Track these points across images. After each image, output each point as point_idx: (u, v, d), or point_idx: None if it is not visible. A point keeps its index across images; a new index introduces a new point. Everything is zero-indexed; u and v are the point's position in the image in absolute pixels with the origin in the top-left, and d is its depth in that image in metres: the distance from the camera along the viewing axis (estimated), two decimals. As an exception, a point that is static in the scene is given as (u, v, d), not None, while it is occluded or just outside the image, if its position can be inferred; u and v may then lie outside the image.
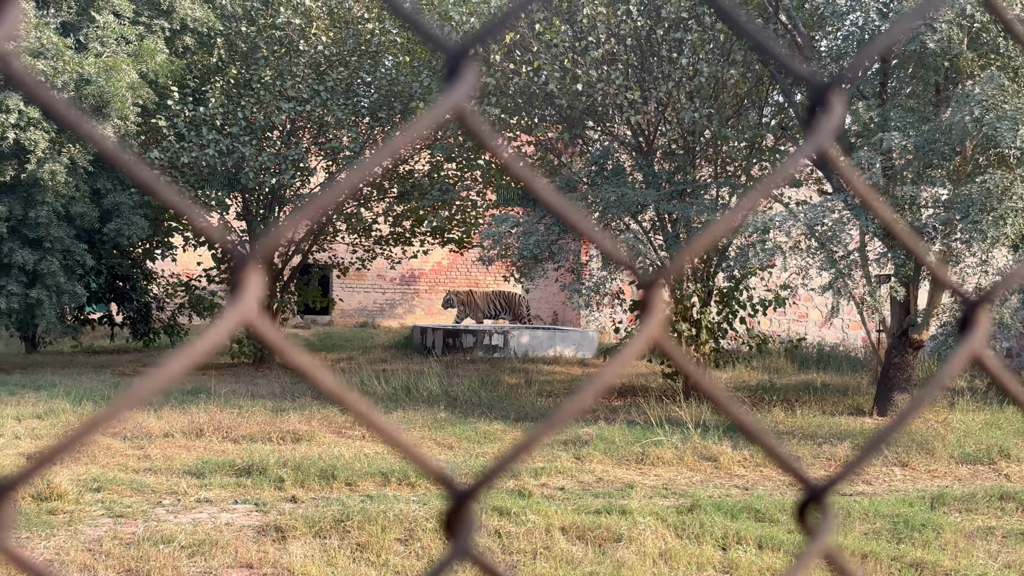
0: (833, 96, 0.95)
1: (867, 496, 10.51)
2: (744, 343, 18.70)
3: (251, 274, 0.73)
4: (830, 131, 0.94)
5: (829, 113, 0.95)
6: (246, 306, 0.72)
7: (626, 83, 16.26)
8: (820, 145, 0.94)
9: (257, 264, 0.74)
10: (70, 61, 17.83)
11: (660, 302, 0.87)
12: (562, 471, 11.40)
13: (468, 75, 0.77)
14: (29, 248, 18.93)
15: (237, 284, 0.74)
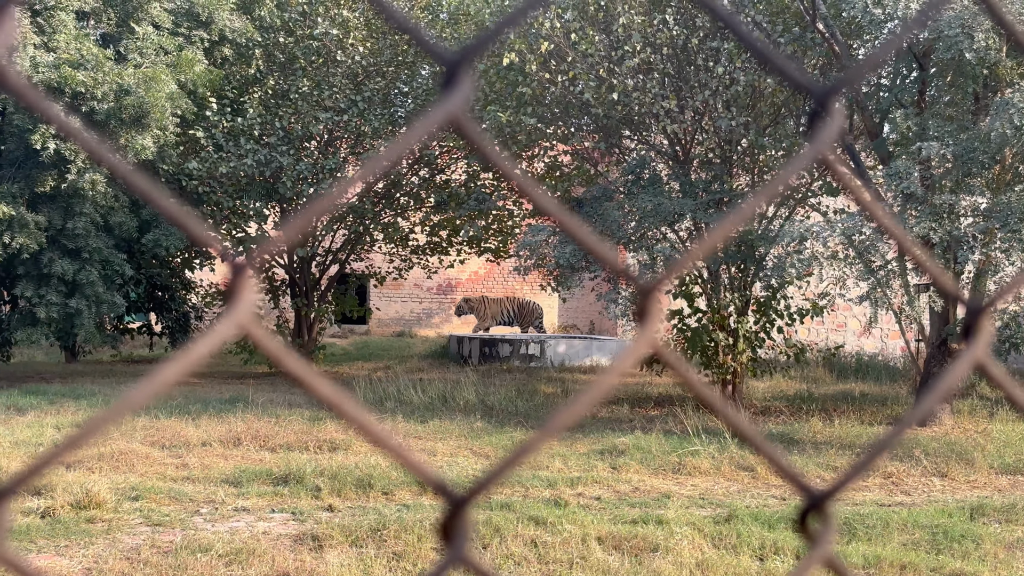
0: (832, 103, 0.95)
1: (906, 506, 10.43)
2: (782, 352, 18.62)
3: (245, 282, 0.74)
4: (830, 138, 0.95)
5: (829, 120, 0.96)
6: (241, 313, 0.73)
7: (662, 92, 16.24)
8: (821, 152, 0.95)
9: (251, 272, 0.75)
10: (110, 72, 17.96)
11: (658, 310, 0.88)
12: (598, 480, 11.38)
13: (464, 84, 0.79)
14: (68, 258, 19.07)
15: (232, 292, 0.75)
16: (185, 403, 16.37)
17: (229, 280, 0.76)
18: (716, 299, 17.19)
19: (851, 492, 11.15)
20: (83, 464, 11.56)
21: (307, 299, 23.57)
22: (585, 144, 18.99)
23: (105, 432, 0.70)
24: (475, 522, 10.21)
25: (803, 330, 26.39)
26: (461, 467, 11.87)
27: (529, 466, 12.10)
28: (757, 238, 16.15)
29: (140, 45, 19.26)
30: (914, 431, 15.12)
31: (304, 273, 23.67)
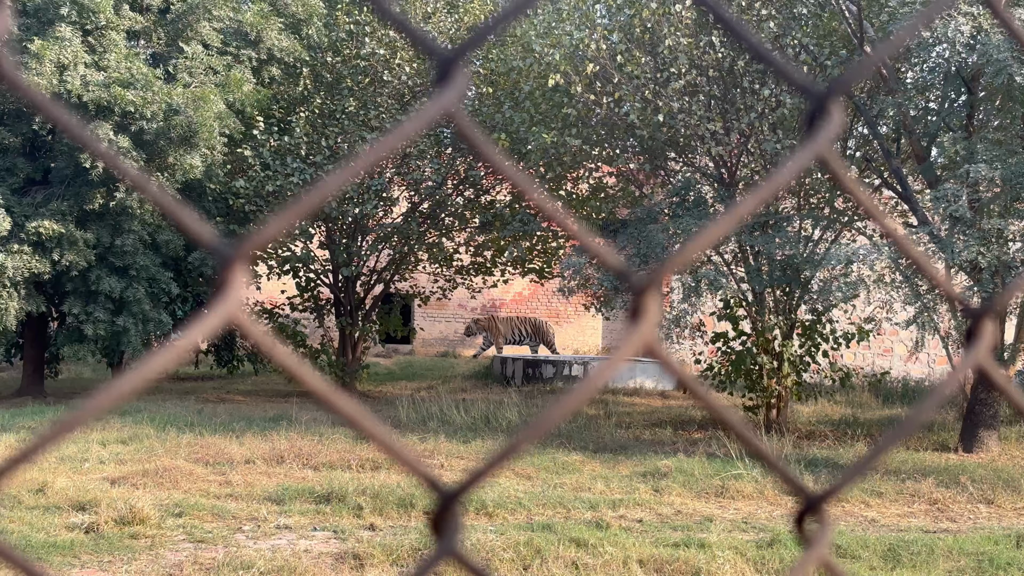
0: (832, 104, 0.97)
1: (951, 533, 10.33)
2: (827, 376, 18.48)
3: (236, 273, 0.74)
4: (829, 139, 0.96)
5: (828, 121, 0.97)
6: (231, 304, 0.74)
7: (708, 114, 16.21)
8: (819, 152, 0.96)
9: (243, 263, 0.75)
10: (159, 91, 18.12)
11: (654, 307, 0.88)
12: (640, 503, 11.34)
13: (458, 80, 0.80)
14: (116, 276, 19.23)
15: (222, 283, 0.75)
16: (229, 420, 16.46)
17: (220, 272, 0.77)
18: (761, 322, 17.11)
19: (896, 518, 11.06)
20: (128, 480, 11.64)
21: (352, 318, 23.64)
22: (630, 166, 18.96)
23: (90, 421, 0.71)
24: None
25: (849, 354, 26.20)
26: (503, 487, 11.85)
27: (571, 487, 12.08)
28: (803, 261, 16.07)
29: (189, 64, 19.43)
30: (960, 458, 14.98)
31: (349, 292, 23.74)
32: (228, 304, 0.75)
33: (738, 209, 0.96)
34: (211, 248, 0.75)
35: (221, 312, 0.75)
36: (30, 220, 18.19)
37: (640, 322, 0.88)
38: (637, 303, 0.88)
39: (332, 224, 22.78)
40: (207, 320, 0.75)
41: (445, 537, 0.85)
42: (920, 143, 15.72)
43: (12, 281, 18.14)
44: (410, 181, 22.47)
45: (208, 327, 0.75)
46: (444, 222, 23.70)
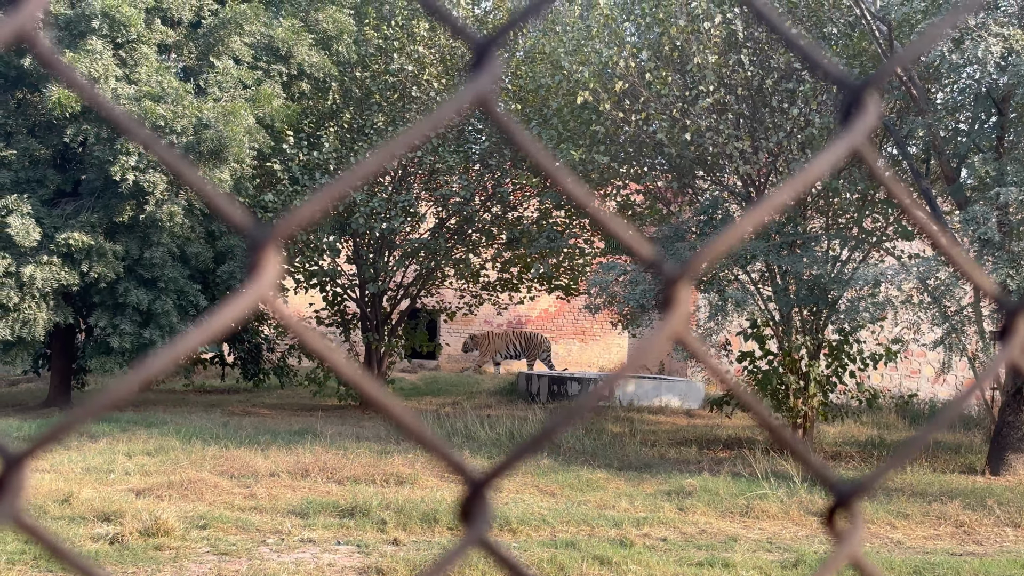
0: (867, 97, 0.97)
1: (978, 556, 10.26)
2: (854, 397, 18.40)
3: (269, 255, 0.74)
4: (864, 131, 0.96)
5: (863, 114, 0.97)
6: (263, 286, 0.74)
7: (736, 133, 16.19)
8: (854, 144, 0.96)
9: (276, 245, 0.76)
10: (189, 106, 18.21)
11: (685, 298, 0.88)
12: (665, 521, 11.30)
13: (492, 65, 0.80)
14: (144, 288, 19.30)
15: (255, 265, 0.75)
16: (255, 433, 16.50)
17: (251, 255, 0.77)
18: (788, 342, 17.05)
19: (922, 540, 10.99)
20: (153, 492, 11.68)
21: (378, 333, 23.68)
22: (658, 183, 18.96)
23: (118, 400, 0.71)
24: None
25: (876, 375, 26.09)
26: (527, 504, 11.84)
27: (595, 505, 12.05)
28: (830, 281, 16.02)
29: (220, 79, 19.52)
30: (988, 480, 14.88)
31: (375, 307, 23.79)
32: (260, 286, 0.75)
33: (771, 200, 0.95)
34: (244, 231, 0.76)
35: (253, 294, 0.75)
36: (60, 232, 18.29)
37: (671, 312, 0.88)
38: (669, 293, 0.88)
39: (359, 239, 22.84)
40: (239, 301, 0.75)
41: (474, 524, 0.85)
42: (950, 164, 15.66)
43: (41, 292, 18.24)
44: (438, 197, 22.52)
45: (240, 308, 0.75)
46: (471, 238, 23.73)
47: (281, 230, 0.76)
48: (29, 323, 18.37)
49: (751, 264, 17.07)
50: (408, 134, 0.81)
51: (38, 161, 19.27)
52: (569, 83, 17.21)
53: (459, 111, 0.82)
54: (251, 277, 0.76)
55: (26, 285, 18.07)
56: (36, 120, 19.65)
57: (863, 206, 17.35)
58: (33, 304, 18.28)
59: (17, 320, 18.26)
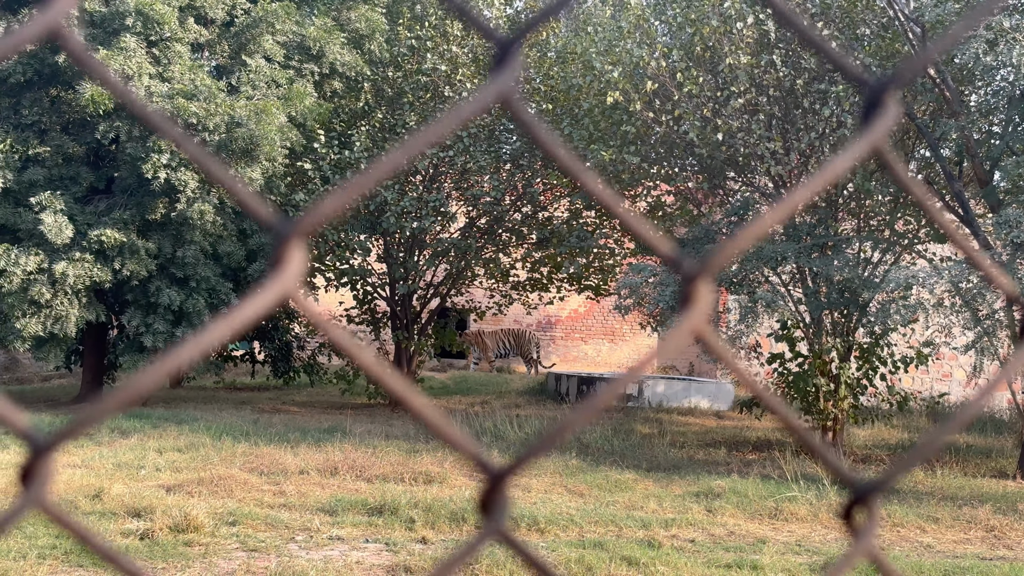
0: (888, 97, 0.98)
1: (1008, 561, 10.19)
2: (884, 400, 18.29)
3: (293, 250, 0.75)
4: (885, 130, 0.97)
5: (884, 113, 0.97)
6: (287, 280, 0.75)
7: (768, 134, 16.14)
8: (875, 143, 0.97)
9: (300, 240, 0.76)
10: (222, 104, 18.29)
11: (704, 295, 0.88)
12: (693, 523, 11.28)
13: (514, 63, 0.80)
14: (176, 286, 19.40)
15: (278, 260, 0.76)
16: (284, 431, 16.56)
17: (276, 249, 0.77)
18: (818, 344, 16.98)
19: (952, 544, 10.93)
20: (183, 488, 11.74)
21: (407, 332, 23.72)
22: (688, 184, 18.92)
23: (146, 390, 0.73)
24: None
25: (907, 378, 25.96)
26: (555, 504, 11.84)
27: (623, 506, 12.04)
28: (861, 284, 15.94)
29: (252, 77, 19.60)
30: (1019, 485, 14.78)
31: (405, 306, 23.83)
32: (284, 281, 0.76)
33: (791, 198, 0.96)
34: (268, 224, 0.76)
35: (277, 288, 0.76)
36: (92, 229, 18.39)
37: (691, 309, 0.88)
38: (688, 290, 0.88)
39: (390, 238, 22.89)
40: (263, 295, 0.75)
41: (493, 516, 0.85)
42: (983, 167, 15.57)
43: (73, 289, 18.35)
44: (468, 196, 22.54)
45: (264, 302, 0.75)
46: (501, 237, 23.74)
47: (305, 224, 0.76)
48: (61, 319, 18.49)
49: (782, 266, 17.00)
50: (433, 129, 0.82)
51: (71, 158, 19.39)
52: (600, 83, 17.19)
53: (482, 108, 0.83)
54: (275, 271, 0.77)
55: (59, 282, 18.19)
56: (70, 117, 19.77)
57: (895, 208, 17.26)
58: (65, 301, 18.39)
59: (49, 316, 18.38)
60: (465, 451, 0.86)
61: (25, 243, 18.34)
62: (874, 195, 16.66)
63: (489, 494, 0.86)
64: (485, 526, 0.85)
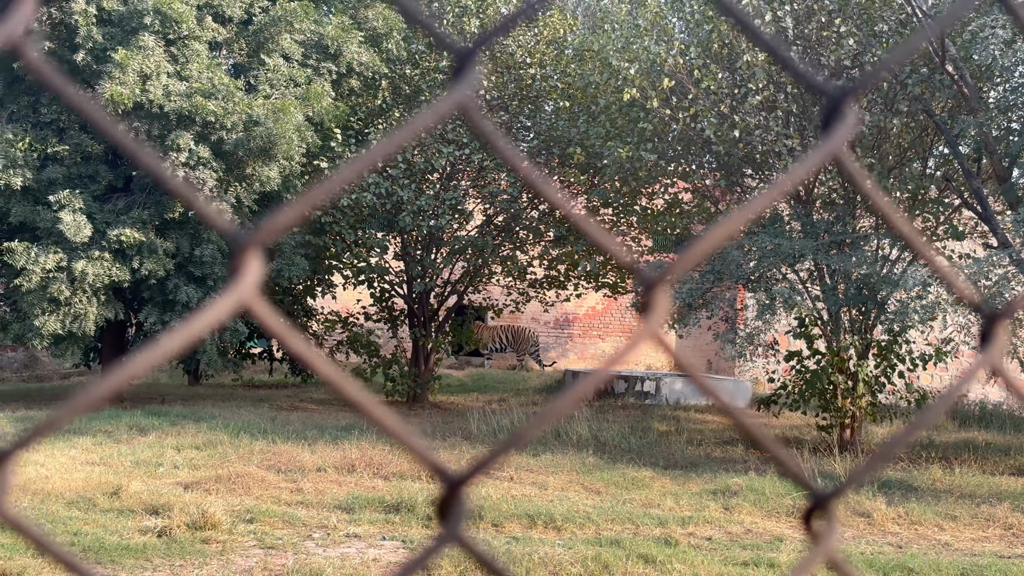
0: (846, 106, 1.00)
1: (1027, 560, 10.16)
2: (902, 398, 18.24)
3: (251, 258, 0.76)
4: (843, 138, 1.00)
5: (843, 121, 1.00)
6: (244, 289, 0.75)
7: (785, 131, 16.11)
8: (833, 151, 0.99)
9: (257, 249, 0.77)
10: (240, 102, 18.32)
11: (663, 303, 0.90)
12: (710, 521, 11.27)
13: (472, 73, 0.81)
14: (194, 285, 19.44)
15: (236, 269, 0.77)
16: (302, 429, 16.59)
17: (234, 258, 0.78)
18: (836, 341, 16.94)
19: (970, 542, 10.90)
20: (201, 485, 11.77)
21: (425, 329, 23.74)
22: (706, 182, 18.90)
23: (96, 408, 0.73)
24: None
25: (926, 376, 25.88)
26: (572, 501, 11.84)
27: (640, 503, 12.03)
28: (879, 282, 15.89)
29: (270, 76, 19.62)
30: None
31: (423, 304, 23.85)
32: (241, 289, 0.76)
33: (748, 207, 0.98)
34: (225, 234, 0.77)
35: (234, 297, 0.76)
36: (111, 227, 18.43)
37: (650, 315, 0.90)
38: (647, 297, 0.90)
39: (407, 236, 22.90)
40: (218, 304, 0.76)
41: (450, 522, 0.87)
42: (1002, 163, 15.51)
43: (92, 288, 18.40)
44: (485, 194, 22.54)
45: (220, 311, 0.76)
46: (518, 235, 23.73)
47: (262, 235, 0.77)
48: (80, 318, 18.53)
49: (800, 263, 16.97)
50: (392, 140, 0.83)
51: (90, 157, 19.43)
52: (617, 80, 17.18)
53: (440, 118, 0.84)
54: (233, 280, 0.77)
55: (77, 280, 18.24)
56: (89, 116, 19.82)
57: (913, 206, 17.21)
58: (84, 299, 18.44)
59: (68, 315, 18.42)
60: (423, 458, 0.87)
61: (44, 241, 18.39)
62: (892, 192, 16.61)
63: (447, 500, 0.87)
64: (443, 531, 0.86)
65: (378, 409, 0.83)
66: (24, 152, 18.43)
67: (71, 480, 11.75)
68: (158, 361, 0.77)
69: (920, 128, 16.77)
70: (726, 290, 18.24)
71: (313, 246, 21.84)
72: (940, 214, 17.40)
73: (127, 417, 17.16)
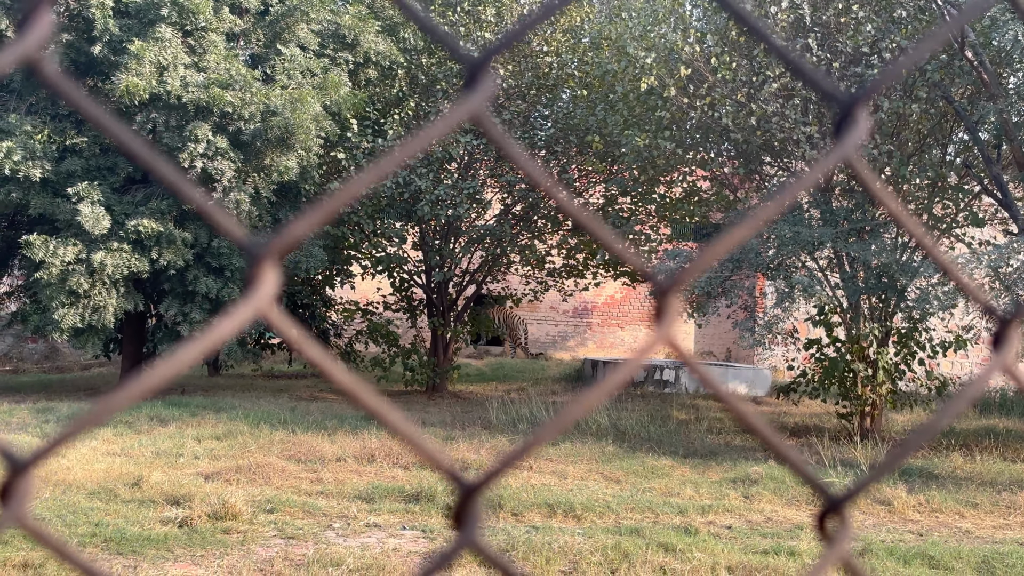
0: (858, 111, 1.00)
1: (1049, 547, 10.12)
2: (923, 385, 18.17)
3: (267, 270, 0.75)
4: (855, 143, 0.99)
5: (855, 126, 1.01)
6: (261, 300, 0.75)
7: (803, 118, 16.05)
8: (845, 156, 1.00)
9: (273, 259, 0.77)
10: (257, 92, 18.34)
11: (675, 308, 0.91)
12: (730, 509, 11.26)
13: (485, 84, 0.81)
14: (213, 276, 19.46)
15: (252, 279, 0.77)
16: (322, 418, 16.62)
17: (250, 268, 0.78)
18: (856, 329, 16.89)
19: (991, 530, 10.86)
20: (221, 476, 11.81)
21: (444, 319, 23.76)
22: (724, 169, 18.85)
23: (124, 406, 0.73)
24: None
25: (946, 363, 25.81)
26: (592, 490, 11.84)
27: (660, 492, 12.03)
28: (899, 269, 15.83)
29: (287, 66, 19.64)
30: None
31: (442, 293, 23.86)
32: (258, 300, 0.76)
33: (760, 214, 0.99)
34: (241, 245, 0.77)
35: (250, 308, 0.76)
36: (130, 219, 18.46)
37: (663, 321, 0.91)
38: (660, 304, 0.91)
39: (425, 226, 22.90)
40: (235, 315, 0.76)
41: (465, 528, 0.87)
42: (1021, 149, 15.43)
43: (111, 279, 18.43)
44: (503, 183, 22.53)
45: (237, 322, 0.76)
46: (537, 224, 23.73)
47: (278, 245, 0.77)
48: (100, 310, 18.58)
49: (819, 251, 16.91)
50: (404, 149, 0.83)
51: (108, 148, 19.47)
52: (635, 69, 17.14)
53: (452, 127, 0.84)
54: (249, 290, 0.77)
55: (97, 272, 18.28)
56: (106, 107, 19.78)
57: (933, 193, 17.14)
58: (104, 291, 18.48)
59: (88, 307, 18.47)
60: (439, 465, 0.87)
61: (64, 233, 18.44)
62: (911, 179, 16.54)
63: (462, 507, 0.87)
64: (459, 537, 0.87)
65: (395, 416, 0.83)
66: (43, 144, 18.47)
67: (92, 470, 11.80)
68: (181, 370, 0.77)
69: (939, 114, 16.68)
70: (745, 278, 18.20)
71: (331, 236, 21.86)
72: (960, 201, 17.32)
73: (147, 408, 17.22)
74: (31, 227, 19.33)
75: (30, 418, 16.53)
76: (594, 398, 0.92)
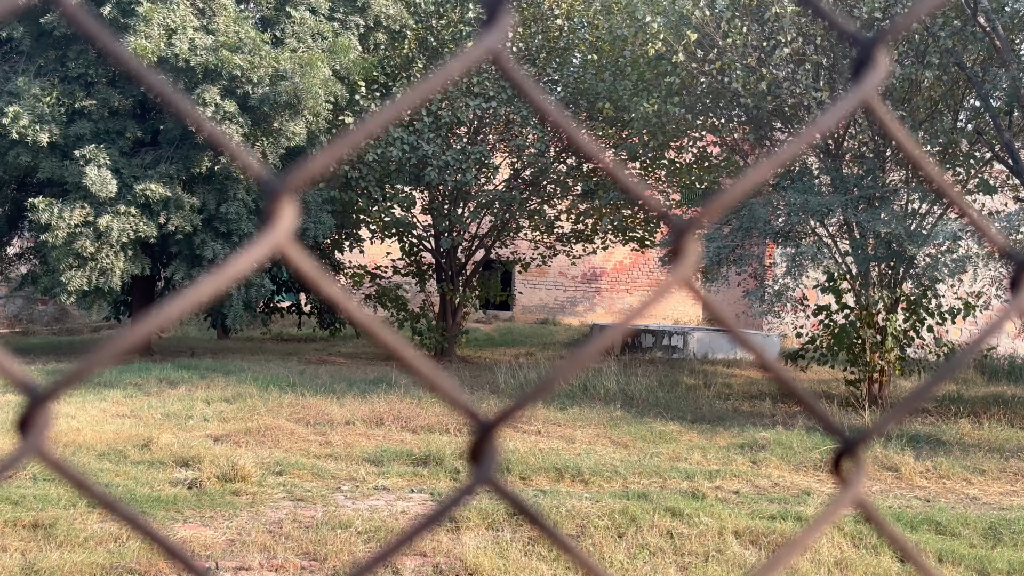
0: (878, 52, 1.00)
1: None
2: (932, 352, 18.15)
3: (285, 205, 0.75)
4: (874, 84, 0.99)
5: (874, 68, 1.00)
6: (279, 235, 0.75)
7: (814, 84, 15.98)
8: (864, 98, 0.99)
9: (291, 195, 0.76)
10: (267, 56, 18.28)
11: (693, 249, 0.91)
12: (737, 475, 11.28)
13: (502, 21, 0.80)
14: (220, 240, 19.46)
15: (270, 215, 0.76)
16: (330, 382, 16.65)
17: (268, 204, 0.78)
18: (865, 295, 16.86)
19: (998, 496, 10.87)
20: (230, 438, 11.85)
21: (452, 284, 23.76)
22: (735, 135, 18.78)
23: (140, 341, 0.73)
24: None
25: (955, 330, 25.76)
26: (600, 455, 11.86)
27: (668, 457, 12.05)
28: (908, 237, 15.79)
29: (297, 30, 19.58)
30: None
31: (450, 258, 23.86)
32: (276, 235, 0.76)
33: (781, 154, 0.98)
34: (259, 179, 0.77)
35: (268, 242, 0.76)
36: (138, 182, 18.46)
37: (680, 261, 0.91)
38: (678, 244, 0.91)
39: (434, 190, 22.87)
40: (254, 250, 0.76)
41: (482, 465, 0.87)
42: (1034, 116, 15.36)
43: (118, 242, 18.43)
44: (512, 148, 22.47)
45: (255, 256, 0.76)
46: (546, 189, 23.69)
47: (296, 180, 0.76)
48: (107, 273, 18.59)
49: (828, 218, 16.86)
50: (424, 85, 0.82)
51: (118, 112, 19.44)
52: (645, 34, 17.07)
53: (470, 65, 0.83)
54: (266, 226, 0.77)
55: (103, 235, 18.28)
56: (116, 70, 19.82)
57: (944, 160, 17.07)
58: (111, 254, 18.49)
59: (95, 270, 18.49)
60: (456, 402, 0.87)
61: (72, 196, 18.43)
62: (923, 145, 16.47)
63: (479, 444, 0.87)
64: (475, 475, 0.87)
65: (410, 353, 0.83)
66: (51, 107, 18.45)
67: (102, 432, 11.84)
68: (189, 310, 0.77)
69: (951, 81, 16.59)
70: (755, 246, 18.16)
71: (339, 202, 21.83)
72: (971, 168, 17.26)
73: (157, 370, 17.26)
74: (40, 190, 19.34)
75: (41, 379, 16.53)
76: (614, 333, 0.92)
